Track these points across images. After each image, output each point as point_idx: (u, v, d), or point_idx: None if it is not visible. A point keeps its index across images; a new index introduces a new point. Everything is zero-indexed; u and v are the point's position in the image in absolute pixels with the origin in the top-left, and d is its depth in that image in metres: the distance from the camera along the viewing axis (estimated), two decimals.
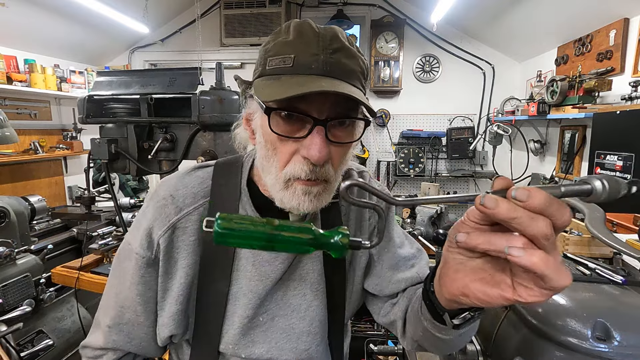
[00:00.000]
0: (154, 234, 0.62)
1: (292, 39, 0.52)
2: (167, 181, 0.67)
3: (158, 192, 0.65)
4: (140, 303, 0.63)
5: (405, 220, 2.98)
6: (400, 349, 1.47)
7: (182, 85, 1.43)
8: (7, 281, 1.67)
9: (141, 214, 0.66)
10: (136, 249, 0.62)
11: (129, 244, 0.65)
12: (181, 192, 0.64)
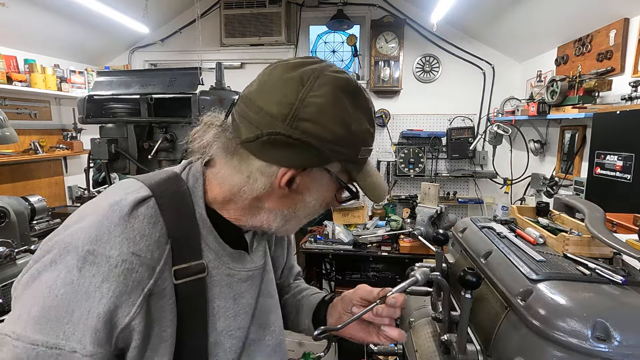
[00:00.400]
0: (118, 317, 0.46)
1: (370, 127, 0.57)
2: (108, 234, 0.47)
3: (107, 255, 0.46)
4: None
5: (405, 220, 2.98)
6: (400, 349, 1.47)
7: (182, 85, 1.43)
8: (7, 281, 1.67)
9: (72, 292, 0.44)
10: (82, 349, 0.43)
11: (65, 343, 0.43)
12: (143, 245, 0.49)
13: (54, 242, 0.47)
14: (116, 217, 0.49)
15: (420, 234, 2.56)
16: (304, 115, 0.50)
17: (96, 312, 0.44)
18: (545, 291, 0.80)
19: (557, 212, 1.29)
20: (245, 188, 0.55)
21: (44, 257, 0.46)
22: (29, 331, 0.43)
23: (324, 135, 0.51)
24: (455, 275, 1.16)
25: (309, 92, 0.51)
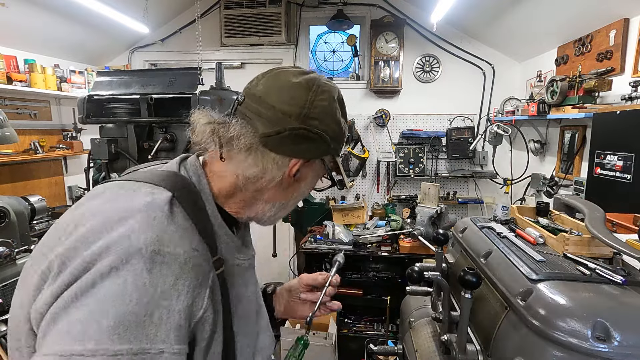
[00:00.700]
0: (194, 311, 0.48)
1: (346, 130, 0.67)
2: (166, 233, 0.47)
3: (174, 253, 0.46)
4: None
5: (405, 220, 2.98)
6: (400, 349, 1.47)
7: (182, 85, 1.43)
8: (7, 281, 1.67)
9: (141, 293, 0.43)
10: (169, 347, 0.43)
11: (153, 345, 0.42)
12: (195, 240, 0.51)
13: (96, 251, 0.44)
14: (163, 216, 0.49)
15: (420, 234, 2.56)
16: (313, 115, 0.59)
17: (176, 309, 0.45)
18: (545, 291, 0.80)
19: (557, 212, 1.30)
20: (261, 179, 0.60)
21: (92, 268, 0.43)
22: (107, 343, 0.40)
23: (328, 131, 0.61)
24: (455, 275, 1.16)
25: (316, 96, 0.60)
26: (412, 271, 1.14)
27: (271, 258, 2.74)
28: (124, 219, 0.47)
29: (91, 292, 0.42)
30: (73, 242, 0.46)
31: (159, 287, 0.44)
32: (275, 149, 0.59)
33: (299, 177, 0.63)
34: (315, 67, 3.58)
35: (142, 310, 0.42)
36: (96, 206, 0.52)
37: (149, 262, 0.44)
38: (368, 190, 3.44)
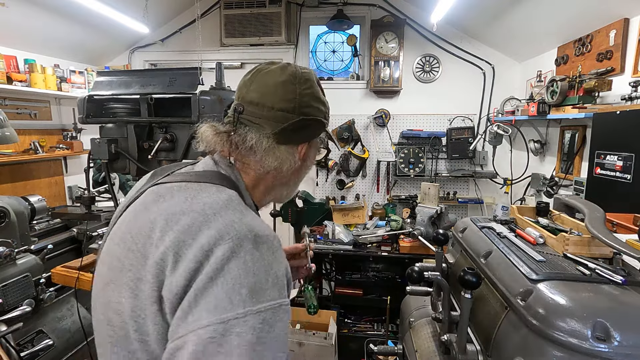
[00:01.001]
0: (287, 273, 0.60)
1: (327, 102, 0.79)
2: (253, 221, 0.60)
3: (265, 235, 0.58)
4: None
5: (405, 220, 2.98)
6: (400, 349, 1.47)
7: (182, 85, 1.43)
8: (7, 281, 1.67)
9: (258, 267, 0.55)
10: (283, 300, 0.56)
11: (274, 301, 0.54)
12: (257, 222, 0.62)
13: (211, 240, 0.54)
14: (242, 208, 0.62)
15: (420, 234, 2.56)
16: (304, 104, 0.71)
17: (281, 273, 0.57)
18: (545, 291, 0.80)
19: (557, 212, 1.30)
20: (283, 168, 0.71)
21: (213, 254, 0.53)
22: (250, 306, 0.51)
23: (318, 113, 0.74)
24: (455, 275, 1.17)
25: (300, 87, 0.70)
26: (412, 271, 1.14)
27: None
28: (217, 213, 0.58)
29: (223, 272, 0.52)
30: (178, 236, 0.55)
31: (267, 260, 0.56)
32: (285, 142, 0.71)
33: (305, 157, 0.76)
34: (316, 67, 3.58)
35: (262, 278, 0.54)
36: (178, 205, 0.60)
37: (255, 244, 0.56)
38: (368, 190, 3.44)
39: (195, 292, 0.51)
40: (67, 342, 1.98)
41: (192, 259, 0.53)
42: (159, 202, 0.62)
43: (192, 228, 0.56)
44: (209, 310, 0.50)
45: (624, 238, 0.99)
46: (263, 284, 0.54)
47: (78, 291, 1.58)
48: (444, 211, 2.66)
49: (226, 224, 0.56)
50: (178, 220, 0.57)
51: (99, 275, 0.63)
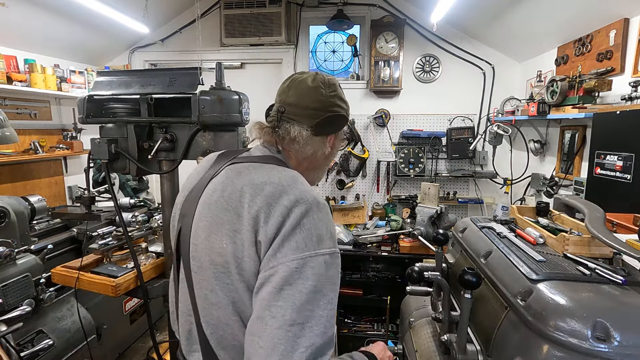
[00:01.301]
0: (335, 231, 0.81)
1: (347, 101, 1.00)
2: (314, 192, 0.81)
3: (322, 202, 0.79)
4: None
5: (405, 220, 2.98)
6: (400, 349, 1.47)
7: (182, 85, 1.43)
8: (7, 281, 1.67)
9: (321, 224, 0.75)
10: (336, 249, 0.76)
11: (331, 249, 0.74)
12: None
13: (291, 203, 0.74)
14: (305, 183, 0.82)
15: (420, 234, 2.56)
16: (331, 103, 0.92)
17: (333, 230, 0.78)
18: (545, 291, 0.80)
19: (557, 212, 1.30)
20: (317, 153, 0.92)
21: (292, 211, 0.73)
22: (318, 249, 0.72)
23: (341, 110, 0.95)
24: (455, 275, 1.17)
25: (327, 90, 0.92)
26: (412, 271, 1.14)
27: None
28: (292, 184, 0.78)
29: (300, 226, 0.72)
30: (266, 199, 0.75)
31: (325, 220, 0.76)
32: (319, 133, 0.91)
33: (332, 146, 0.96)
34: (316, 67, 3.58)
35: (324, 232, 0.74)
36: (259, 178, 0.80)
37: (318, 208, 0.76)
38: (368, 190, 3.45)
39: (282, 238, 0.71)
40: (67, 342, 1.98)
41: (279, 215, 0.73)
42: (241, 176, 0.82)
43: (275, 194, 0.75)
44: (292, 250, 0.70)
45: (624, 238, 0.99)
46: (324, 235, 0.74)
47: (78, 291, 1.58)
48: (444, 211, 2.66)
49: (300, 192, 0.76)
50: (263, 189, 0.76)
51: (198, 230, 0.81)
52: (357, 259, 2.81)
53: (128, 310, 2.79)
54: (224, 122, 1.37)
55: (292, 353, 0.65)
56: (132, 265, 1.61)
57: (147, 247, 1.76)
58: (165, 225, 1.63)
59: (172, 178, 1.58)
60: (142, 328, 2.98)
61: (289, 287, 0.68)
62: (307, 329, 0.67)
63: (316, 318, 0.68)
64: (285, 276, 0.68)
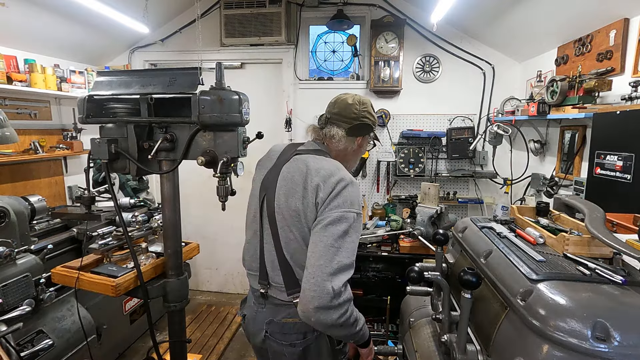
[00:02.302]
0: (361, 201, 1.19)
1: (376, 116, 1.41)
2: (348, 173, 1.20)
3: (355, 182, 1.18)
4: None
5: (405, 220, 2.98)
6: (400, 349, 1.47)
7: (182, 85, 1.43)
8: (7, 281, 1.67)
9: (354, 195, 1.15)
10: (360, 211, 1.15)
11: (359, 211, 1.14)
12: None
13: (338, 179, 1.15)
14: (345, 169, 1.22)
15: (420, 234, 2.55)
16: (362, 115, 1.32)
17: (361, 199, 1.17)
18: (545, 291, 0.80)
19: (557, 212, 1.30)
20: (350, 149, 1.34)
21: (337, 185, 1.14)
22: (351, 208, 1.11)
23: (370, 121, 1.34)
24: (455, 275, 1.17)
25: (360, 107, 1.32)
26: (412, 271, 1.14)
27: None
28: (338, 169, 1.19)
29: (343, 191, 1.13)
30: (322, 177, 1.15)
31: (356, 192, 1.15)
32: (350, 135, 1.32)
33: (360, 145, 1.37)
34: (316, 67, 3.58)
35: (355, 199, 1.14)
36: (318, 163, 1.21)
37: (352, 184, 1.15)
38: (368, 190, 3.45)
39: (330, 199, 1.12)
40: (67, 342, 1.98)
41: (330, 186, 1.13)
42: (305, 163, 1.22)
43: (327, 175, 1.16)
44: (337, 207, 1.11)
45: (624, 238, 0.99)
46: (355, 201, 1.13)
47: (78, 291, 1.58)
48: (444, 211, 2.66)
49: (342, 174, 1.16)
50: (320, 170, 1.17)
51: (280, 196, 1.21)
52: (357, 258, 2.80)
53: (128, 310, 2.79)
54: (224, 122, 1.37)
55: (330, 262, 1.05)
56: (132, 265, 1.61)
57: (147, 247, 1.76)
58: (165, 225, 1.63)
59: (172, 178, 1.58)
60: (142, 328, 2.98)
61: (332, 227, 1.08)
62: (339, 251, 1.07)
63: (345, 247, 1.08)
64: (330, 220, 1.09)
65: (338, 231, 1.07)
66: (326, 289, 1.02)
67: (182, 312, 1.72)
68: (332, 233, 1.06)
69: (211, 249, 3.88)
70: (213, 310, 3.55)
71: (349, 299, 1.09)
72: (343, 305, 1.06)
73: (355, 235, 1.10)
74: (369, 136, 1.39)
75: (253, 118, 1.64)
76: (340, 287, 1.05)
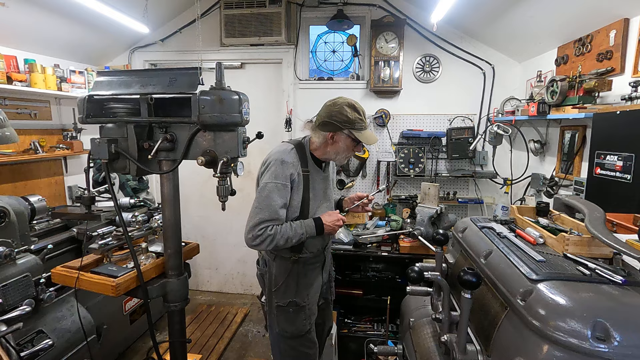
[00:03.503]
0: (293, 176, 1.60)
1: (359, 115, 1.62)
2: (286, 156, 1.61)
3: (287, 161, 1.60)
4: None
5: (405, 220, 2.98)
6: (400, 349, 1.47)
7: (182, 85, 1.43)
8: (7, 281, 1.67)
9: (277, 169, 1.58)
10: (287, 183, 1.58)
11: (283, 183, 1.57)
12: (296, 159, 1.64)
13: (271, 159, 1.62)
14: (288, 151, 1.64)
15: (420, 234, 2.55)
16: (331, 114, 1.61)
17: (289, 173, 1.59)
18: (545, 291, 0.80)
19: (557, 212, 1.30)
20: (319, 141, 1.66)
21: (268, 164, 1.61)
22: (277, 180, 1.57)
23: (336, 119, 1.60)
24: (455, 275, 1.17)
25: (334, 107, 1.62)
26: (412, 271, 1.14)
27: None
28: (277, 153, 1.64)
29: (269, 169, 1.60)
30: (266, 157, 1.67)
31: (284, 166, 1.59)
32: (322, 130, 1.63)
33: (336, 140, 1.64)
34: (316, 67, 3.58)
35: (282, 174, 1.58)
36: (273, 149, 1.69)
37: (280, 162, 1.59)
38: (368, 190, 3.44)
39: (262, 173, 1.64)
40: (67, 342, 1.98)
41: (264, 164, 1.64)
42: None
43: (268, 155, 1.65)
44: (264, 180, 1.59)
45: (624, 238, 0.99)
46: (282, 175, 1.56)
47: (78, 291, 1.58)
48: (444, 211, 2.66)
49: (277, 157, 1.60)
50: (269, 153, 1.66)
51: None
52: (357, 259, 2.81)
53: (128, 310, 2.79)
54: (224, 122, 1.37)
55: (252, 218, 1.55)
56: (132, 265, 1.61)
57: (147, 247, 1.76)
58: (165, 225, 1.63)
59: (172, 178, 1.58)
60: (142, 328, 2.98)
61: (258, 193, 1.58)
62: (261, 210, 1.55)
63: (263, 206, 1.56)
64: (259, 188, 1.59)
65: (261, 196, 1.55)
66: (247, 236, 1.55)
67: (182, 312, 1.72)
68: (257, 197, 1.56)
69: (211, 249, 3.88)
70: (213, 310, 3.55)
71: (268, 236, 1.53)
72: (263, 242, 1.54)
73: (276, 196, 1.55)
74: (342, 132, 1.61)
75: (253, 118, 1.64)
76: (257, 232, 1.52)
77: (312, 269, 1.77)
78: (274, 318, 1.75)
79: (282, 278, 1.71)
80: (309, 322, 1.75)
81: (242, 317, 3.44)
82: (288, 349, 1.76)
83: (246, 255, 3.81)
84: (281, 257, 1.71)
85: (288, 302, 1.70)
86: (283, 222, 1.57)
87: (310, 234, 1.61)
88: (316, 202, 1.70)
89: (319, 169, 1.72)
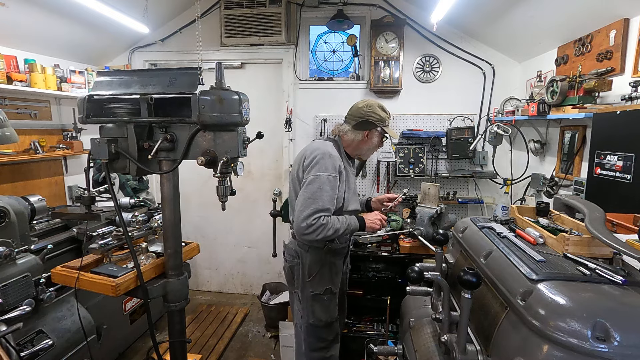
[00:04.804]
0: (340, 167, 1.73)
1: (387, 115, 1.88)
2: (332, 151, 1.75)
3: (334, 155, 1.74)
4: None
5: (405, 220, 2.97)
6: (400, 349, 1.47)
7: (182, 85, 1.43)
8: (7, 281, 1.67)
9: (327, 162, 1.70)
10: (336, 174, 1.70)
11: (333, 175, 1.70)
12: (337, 154, 1.77)
13: (318, 152, 1.73)
14: (330, 147, 1.79)
15: (420, 234, 2.55)
16: (367, 114, 1.83)
17: (337, 165, 1.73)
18: (545, 291, 0.80)
19: (557, 212, 1.30)
20: (356, 139, 1.86)
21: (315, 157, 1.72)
22: (328, 172, 1.70)
23: (373, 118, 1.83)
24: (455, 275, 1.17)
25: (367, 108, 1.84)
26: (412, 271, 1.14)
27: (271, 258, 2.74)
28: (321, 147, 1.76)
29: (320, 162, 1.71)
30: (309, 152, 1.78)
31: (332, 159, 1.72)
32: (357, 129, 1.84)
33: (370, 137, 1.86)
34: (316, 67, 3.58)
35: (331, 164, 1.72)
36: (312, 145, 1.83)
37: (329, 156, 1.72)
38: (368, 190, 3.45)
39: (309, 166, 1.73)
40: (67, 342, 1.98)
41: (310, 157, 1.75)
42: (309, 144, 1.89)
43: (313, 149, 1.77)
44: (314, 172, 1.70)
45: (624, 238, 0.99)
46: (331, 167, 1.70)
47: (78, 291, 1.58)
48: (444, 211, 2.66)
49: (324, 150, 1.73)
50: (309, 148, 1.81)
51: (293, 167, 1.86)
52: (357, 259, 2.81)
53: (128, 310, 2.79)
54: (224, 122, 1.37)
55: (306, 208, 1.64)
56: (132, 265, 1.61)
57: (147, 247, 1.76)
58: (165, 225, 1.63)
59: (172, 178, 1.58)
60: (142, 328, 2.98)
61: (309, 185, 1.67)
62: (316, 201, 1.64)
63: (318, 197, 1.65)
64: (308, 181, 1.68)
65: (313, 187, 1.64)
66: (300, 225, 1.64)
67: (182, 312, 1.72)
68: (309, 189, 1.65)
69: (211, 249, 3.88)
70: (213, 310, 3.55)
71: (321, 225, 1.62)
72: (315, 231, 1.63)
73: (328, 187, 1.66)
74: (376, 130, 1.84)
75: (253, 118, 1.64)
76: (311, 222, 1.61)
77: (339, 259, 1.94)
78: (308, 308, 1.84)
79: (317, 267, 1.82)
80: (337, 310, 1.91)
81: (242, 317, 3.44)
82: (315, 341, 1.88)
83: (246, 255, 3.81)
84: (315, 247, 1.82)
85: (324, 289, 1.82)
86: (331, 214, 1.69)
87: (354, 228, 1.74)
88: (349, 195, 1.83)
89: (350, 165, 1.91)
